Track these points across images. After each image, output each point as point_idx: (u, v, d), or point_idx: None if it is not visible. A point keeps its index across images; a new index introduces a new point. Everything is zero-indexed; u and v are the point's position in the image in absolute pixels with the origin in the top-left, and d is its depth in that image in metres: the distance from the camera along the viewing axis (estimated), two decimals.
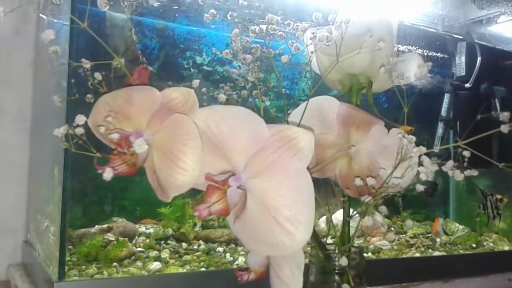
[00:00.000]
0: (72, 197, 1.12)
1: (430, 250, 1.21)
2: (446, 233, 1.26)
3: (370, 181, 0.51)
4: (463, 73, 1.34)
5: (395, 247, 1.19)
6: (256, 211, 0.46)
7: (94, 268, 0.89)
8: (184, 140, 0.44)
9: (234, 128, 0.46)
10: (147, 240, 1.05)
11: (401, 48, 1.26)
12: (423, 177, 0.51)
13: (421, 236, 1.30)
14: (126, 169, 0.45)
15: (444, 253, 1.18)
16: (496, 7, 1.32)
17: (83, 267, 0.91)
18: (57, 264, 0.78)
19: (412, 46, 1.26)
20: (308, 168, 0.50)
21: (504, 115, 0.49)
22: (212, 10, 0.58)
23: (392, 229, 1.35)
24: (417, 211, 1.47)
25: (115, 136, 0.43)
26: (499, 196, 1.34)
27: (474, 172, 0.56)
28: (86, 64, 0.50)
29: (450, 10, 1.22)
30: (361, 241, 1.21)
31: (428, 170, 0.53)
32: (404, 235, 1.30)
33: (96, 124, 0.47)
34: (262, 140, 0.46)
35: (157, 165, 0.45)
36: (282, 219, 0.45)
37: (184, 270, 0.91)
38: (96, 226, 1.03)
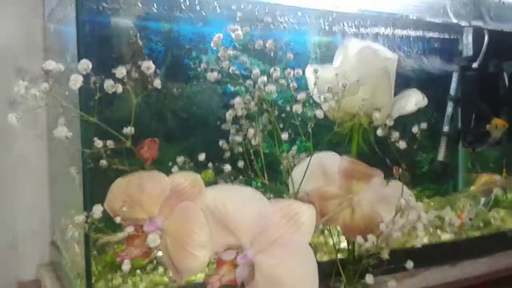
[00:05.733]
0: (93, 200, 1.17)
1: (439, 231, 1.24)
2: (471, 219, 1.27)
3: (371, 239, 0.55)
4: (471, 53, 1.32)
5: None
6: (263, 283, 0.50)
7: (119, 278, 0.94)
8: (194, 229, 0.48)
9: (240, 208, 0.50)
10: None
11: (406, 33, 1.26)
12: (420, 234, 0.55)
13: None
14: (141, 253, 0.49)
15: (452, 236, 1.22)
16: None
17: (109, 276, 0.96)
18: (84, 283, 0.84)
19: (417, 31, 1.25)
20: None
21: None
22: None
23: None
24: (427, 186, 1.50)
25: (130, 229, 0.47)
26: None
27: None
28: (98, 144, 0.53)
29: None
30: None
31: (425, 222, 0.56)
32: None
33: (112, 209, 0.50)
34: (266, 219, 0.49)
35: (170, 250, 0.49)
36: None
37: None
38: (118, 234, 1.07)
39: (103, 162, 0.54)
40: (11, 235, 1.14)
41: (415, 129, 0.57)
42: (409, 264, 0.59)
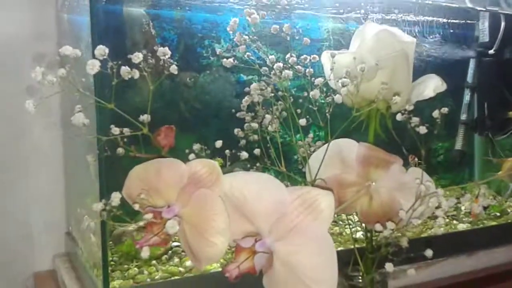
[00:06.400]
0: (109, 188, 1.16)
1: (454, 221, 1.23)
2: (486, 208, 1.26)
3: (390, 226, 0.54)
4: (487, 39, 1.31)
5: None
6: (282, 271, 0.49)
7: (135, 269, 0.95)
8: (212, 216, 0.47)
9: (257, 195, 0.49)
10: None
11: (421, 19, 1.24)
12: (440, 221, 0.54)
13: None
14: (159, 240, 0.48)
15: (468, 225, 1.21)
16: None
17: (125, 266, 0.97)
18: (101, 273, 0.84)
19: (432, 16, 1.24)
20: None
21: None
22: None
23: None
24: (442, 176, 1.48)
25: (148, 216, 0.47)
26: None
27: None
28: (115, 131, 0.53)
29: None
30: None
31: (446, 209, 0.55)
32: None
33: (130, 196, 0.50)
34: (284, 205, 0.49)
35: (189, 237, 0.49)
36: (307, 280, 0.48)
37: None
38: (134, 225, 1.07)
39: (120, 150, 0.54)
40: (26, 226, 1.15)
41: (435, 114, 0.55)
42: (428, 252, 0.58)
